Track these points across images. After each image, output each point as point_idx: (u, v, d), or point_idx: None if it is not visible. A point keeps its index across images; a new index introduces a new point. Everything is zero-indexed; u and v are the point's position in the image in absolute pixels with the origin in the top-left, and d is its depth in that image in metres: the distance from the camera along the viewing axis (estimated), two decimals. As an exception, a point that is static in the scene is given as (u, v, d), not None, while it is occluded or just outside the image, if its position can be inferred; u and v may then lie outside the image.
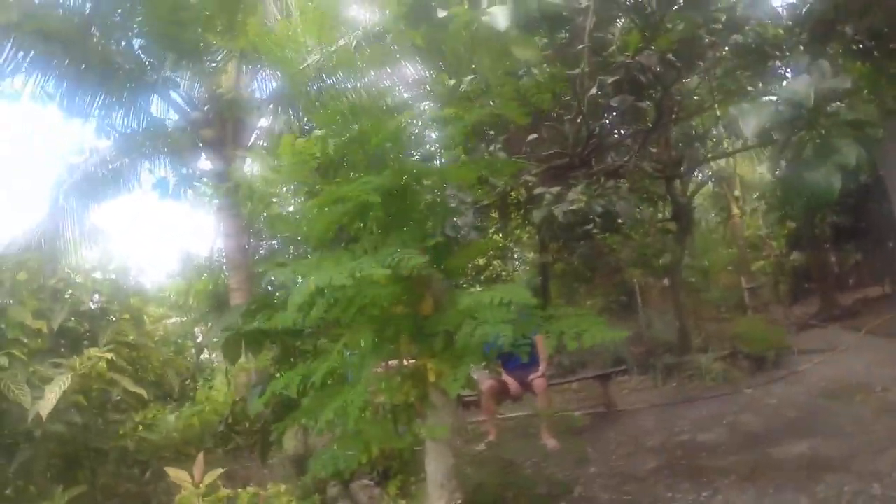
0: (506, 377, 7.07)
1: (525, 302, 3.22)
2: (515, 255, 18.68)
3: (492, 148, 8.31)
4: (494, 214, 13.66)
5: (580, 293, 16.98)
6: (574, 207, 7.36)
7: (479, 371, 9.64)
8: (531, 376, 6.86)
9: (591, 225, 8.99)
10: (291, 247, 6.46)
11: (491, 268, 16.30)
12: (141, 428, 5.81)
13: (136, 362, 6.20)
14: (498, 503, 4.13)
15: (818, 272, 14.85)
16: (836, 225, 13.66)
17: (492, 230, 16.60)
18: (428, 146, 4.65)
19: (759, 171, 18.82)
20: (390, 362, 4.03)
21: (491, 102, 6.57)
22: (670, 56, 7.05)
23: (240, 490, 3.97)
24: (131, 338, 6.13)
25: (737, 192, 17.05)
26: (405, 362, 3.87)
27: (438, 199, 4.42)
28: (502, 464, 5.94)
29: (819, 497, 3.99)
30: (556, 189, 7.78)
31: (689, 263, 14.90)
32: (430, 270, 3.71)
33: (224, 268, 10.85)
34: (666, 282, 13.29)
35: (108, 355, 5.18)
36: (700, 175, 13.68)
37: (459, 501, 3.55)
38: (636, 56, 7.07)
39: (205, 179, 9.21)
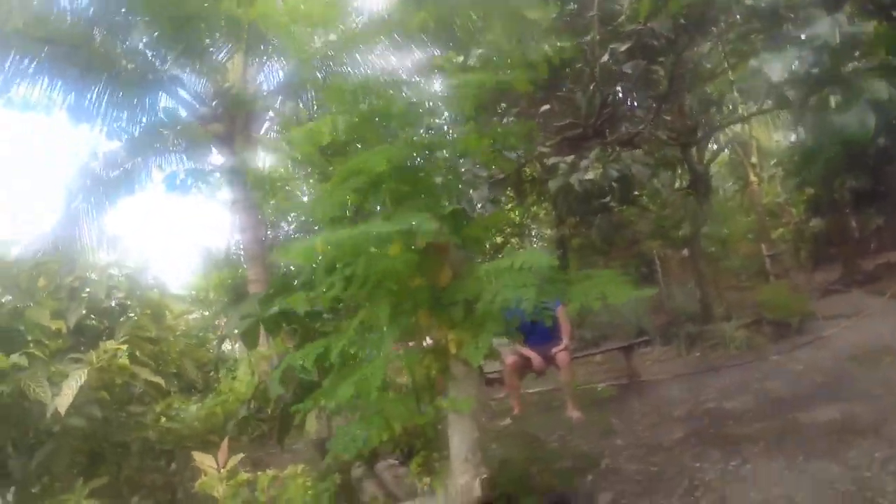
0: (528, 351, 7.02)
1: (546, 265, 3.16)
2: (533, 232, 18.52)
3: (504, 121, 8.21)
4: (510, 192, 13.63)
5: (599, 266, 16.89)
6: (590, 176, 7.25)
7: (502, 346, 9.69)
8: (554, 350, 6.81)
9: (609, 195, 8.80)
10: (307, 234, 6.47)
11: (508, 245, 16.19)
12: (163, 419, 5.85)
13: (156, 356, 6.23)
14: (524, 478, 4.07)
15: (839, 237, 14.65)
16: (856, 189, 13.41)
17: (508, 206, 16.63)
18: (439, 120, 4.59)
19: (775, 138, 18.62)
20: (410, 342, 3.98)
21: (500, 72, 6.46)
22: (682, 21, 6.92)
23: (259, 473, 3.98)
24: (152, 332, 6.15)
25: (753, 159, 16.82)
26: (425, 339, 3.82)
27: (451, 173, 4.34)
28: (527, 438, 5.91)
29: (850, 464, 3.91)
30: (570, 158, 7.68)
31: (707, 233, 14.76)
32: (446, 237, 3.65)
33: (242, 260, 10.91)
34: (685, 252, 13.19)
35: (123, 347, 5.19)
36: (715, 143, 13.45)
37: (485, 476, 3.51)
38: (647, 22, 6.94)
39: (217, 174, 9.21)
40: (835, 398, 5.25)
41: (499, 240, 16.40)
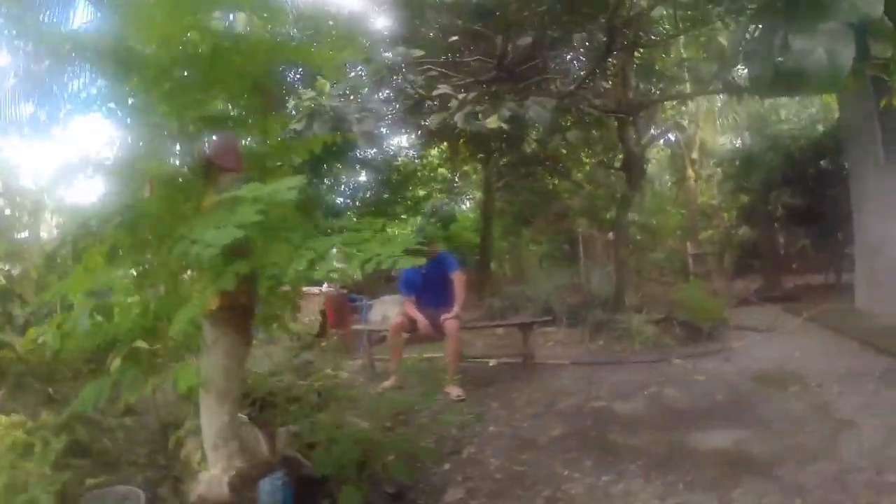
0: (415, 313, 6.42)
1: (288, 201, 2.32)
2: (464, 193, 17.89)
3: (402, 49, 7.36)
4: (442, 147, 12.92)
5: (523, 236, 16.47)
6: (476, 110, 6.50)
7: (393, 303, 9.08)
8: (444, 316, 6.20)
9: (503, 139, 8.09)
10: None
11: (432, 201, 15.49)
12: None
13: None
14: (351, 463, 3.39)
15: (764, 250, 14.52)
16: (790, 205, 13.26)
17: (435, 158, 15.94)
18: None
19: (720, 139, 18.41)
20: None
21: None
22: None
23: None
24: None
25: (694, 155, 16.53)
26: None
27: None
28: (394, 409, 5.27)
29: (733, 504, 3.40)
30: (462, 95, 6.97)
31: (637, 221, 14.44)
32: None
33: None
34: (611, 235, 12.80)
35: None
36: (656, 128, 12.95)
37: (238, 467, 2.84)
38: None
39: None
40: (731, 422, 4.77)
41: (420, 192, 15.71)
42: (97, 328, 2.91)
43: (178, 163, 3.05)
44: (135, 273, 3.13)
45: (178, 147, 3.10)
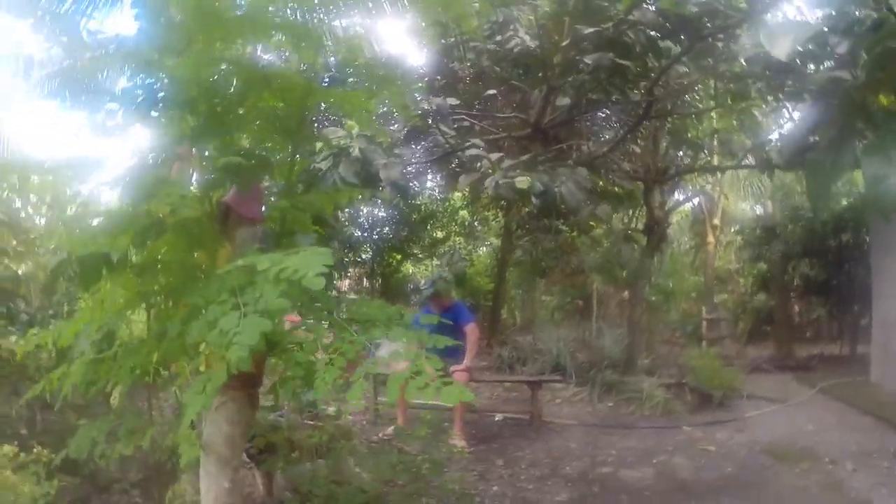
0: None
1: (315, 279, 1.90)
2: (484, 237, 17.85)
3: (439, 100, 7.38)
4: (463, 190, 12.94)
5: (537, 287, 16.38)
6: (507, 181, 6.45)
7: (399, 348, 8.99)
8: (453, 367, 6.11)
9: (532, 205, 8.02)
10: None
11: (450, 243, 15.50)
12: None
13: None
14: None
15: (780, 318, 14.35)
16: (808, 277, 13.18)
17: (459, 205, 16.00)
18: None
19: (743, 205, 18.35)
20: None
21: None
22: (669, 26, 6.17)
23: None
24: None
25: (716, 221, 16.47)
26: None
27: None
28: (397, 462, 5.16)
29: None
30: (496, 156, 6.94)
31: (653, 282, 14.32)
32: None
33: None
34: (626, 295, 12.69)
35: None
36: (681, 193, 12.95)
37: None
38: (628, 14, 6.15)
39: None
40: (741, 499, 4.65)
41: (439, 234, 15.72)
42: (97, 365, 2.74)
43: (197, 202, 2.82)
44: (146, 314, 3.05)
45: (198, 184, 3.03)
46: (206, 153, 2.98)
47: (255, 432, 4.19)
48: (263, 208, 2.97)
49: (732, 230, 17.19)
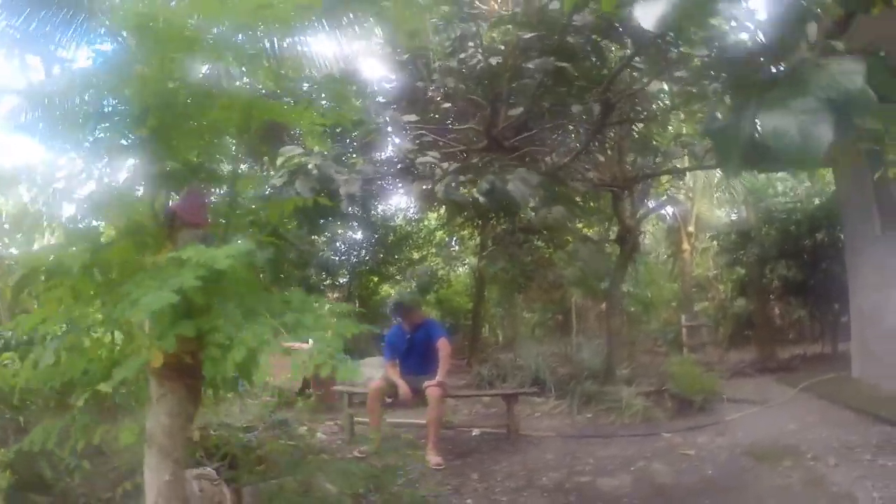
0: (396, 378, 6.20)
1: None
2: (460, 257, 17.75)
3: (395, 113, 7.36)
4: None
5: (517, 304, 16.29)
6: (459, 181, 6.42)
7: (374, 368, 8.82)
8: (426, 383, 5.97)
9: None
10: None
11: (426, 262, 15.38)
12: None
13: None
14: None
15: (760, 321, 14.32)
16: (786, 278, 13.17)
17: (433, 221, 15.94)
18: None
19: (717, 212, 18.43)
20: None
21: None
22: (617, 27, 6.15)
23: None
24: None
25: (690, 228, 16.50)
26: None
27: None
28: (368, 476, 5.00)
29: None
30: (447, 165, 6.91)
31: (631, 293, 14.29)
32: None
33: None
34: (604, 307, 12.62)
35: None
36: (652, 201, 12.92)
37: None
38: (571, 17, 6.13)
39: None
40: (722, 500, 4.51)
41: (415, 255, 15.63)
42: (56, 367, 2.78)
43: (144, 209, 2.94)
44: (100, 316, 3.03)
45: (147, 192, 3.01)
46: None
47: (226, 447, 4.11)
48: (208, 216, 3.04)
49: (708, 236, 17.23)
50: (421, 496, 4.56)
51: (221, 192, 3.66)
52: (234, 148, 3.27)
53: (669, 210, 16.88)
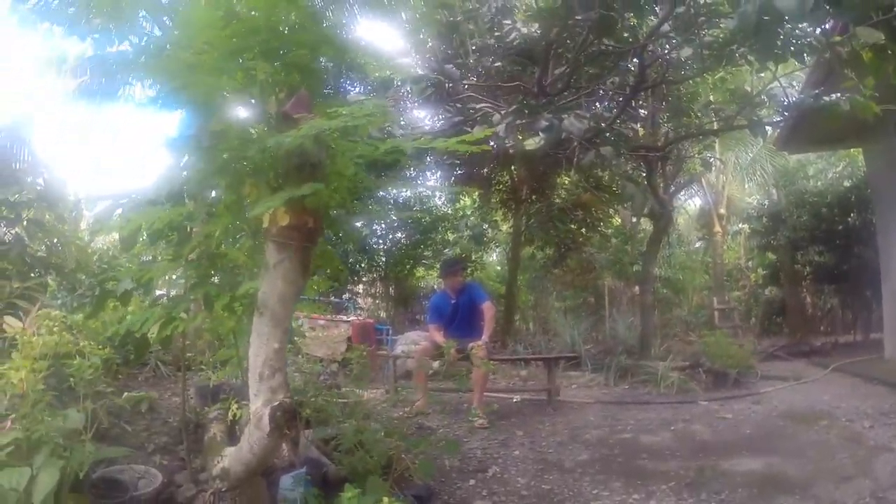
0: (441, 339, 6.41)
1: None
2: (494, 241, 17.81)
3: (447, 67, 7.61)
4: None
5: (549, 291, 16.37)
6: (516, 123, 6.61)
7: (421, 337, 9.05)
8: (471, 344, 6.18)
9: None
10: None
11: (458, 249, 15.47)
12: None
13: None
14: (372, 460, 3.39)
15: (792, 307, 14.35)
16: (818, 264, 13.18)
17: (467, 207, 16.10)
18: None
19: (748, 197, 18.42)
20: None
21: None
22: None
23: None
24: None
25: (722, 210, 16.52)
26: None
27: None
28: (419, 430, 5.25)
29: (770, 519, 3.34)
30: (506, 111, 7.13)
31: (663, 276, 14.38)
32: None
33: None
34: (637, 290, 12.75)
35: None
36: (683, 177, 12.92)
37: (283, 399, 2.70)
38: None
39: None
40: (762, 451, 4.70)
41: (450, 236, 15.77)
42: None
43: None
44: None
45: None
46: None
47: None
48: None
49: (739, 223, 17.26)
50: (454, 438, 4.76)
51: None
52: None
53: (700, 193, 16.99)
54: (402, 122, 7.09)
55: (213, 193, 3.24)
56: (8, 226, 5.45)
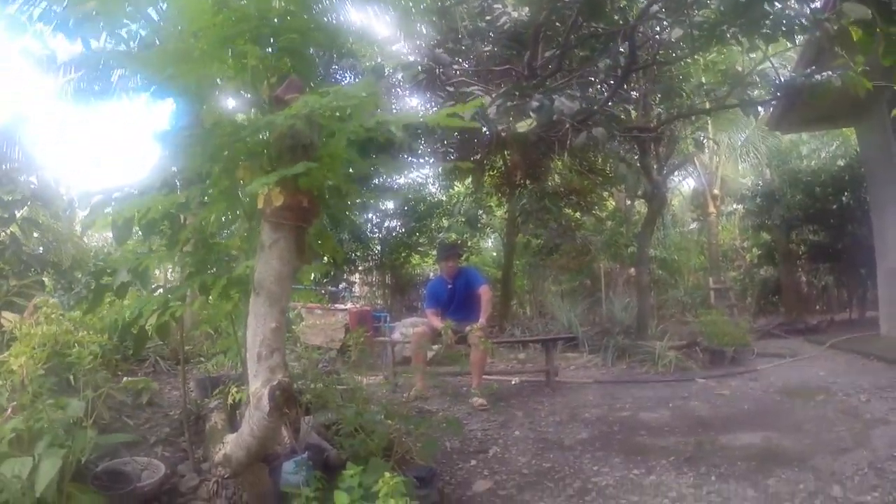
0: (439, 322, 6.42)
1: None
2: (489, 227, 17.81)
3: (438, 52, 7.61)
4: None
5: (544, 276, 16.39)
6: (507, 105, 6.61)
7: (417, 321, 9.07)
8: (469, 327, 6.19)
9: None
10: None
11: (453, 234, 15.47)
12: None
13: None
14: (370, 441, 3.41)
15: (787, 286, 14.41)
16: (813, 243, 13.25)
17: (460, 193, 16.09)
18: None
19: (741, 178, 18.46)
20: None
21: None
22: None
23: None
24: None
25: (716, 191, 16.56)
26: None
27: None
28: (419, 413, 5.27)
29: (769, 491, 3.36)
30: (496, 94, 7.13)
31: (659, 257, 14.42)
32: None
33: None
34: (632, 271, 12.78)
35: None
36: (676, 158, 12.94)
37: (281, 380, 2.67)
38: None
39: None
40: (760, 425, 4.73)
41: (444, 223, 15.74)
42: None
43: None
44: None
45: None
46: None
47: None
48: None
49: (733, 203, 17.30)
50: (455, 417, 4.78)
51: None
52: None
53: (694, 174, 17.01)
54: (395, 110, 7.05)
55: (207, 181, 3.23)
56: (2, 225, 5.46)
